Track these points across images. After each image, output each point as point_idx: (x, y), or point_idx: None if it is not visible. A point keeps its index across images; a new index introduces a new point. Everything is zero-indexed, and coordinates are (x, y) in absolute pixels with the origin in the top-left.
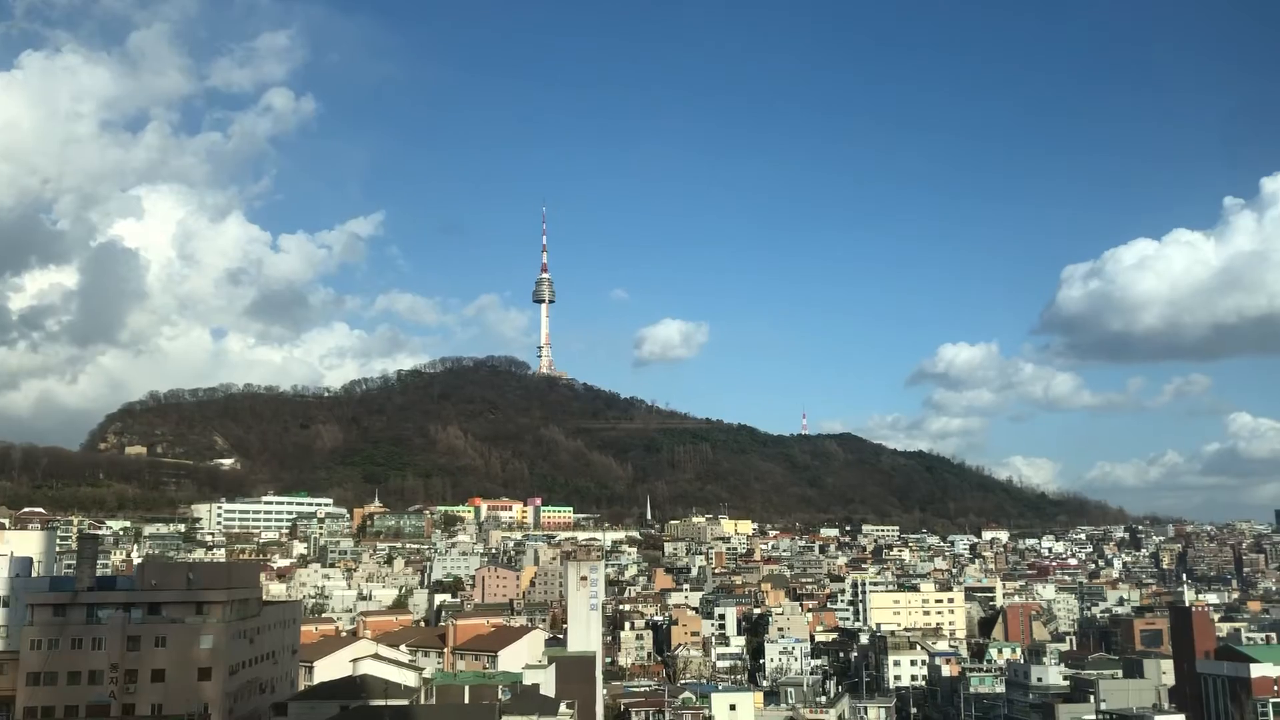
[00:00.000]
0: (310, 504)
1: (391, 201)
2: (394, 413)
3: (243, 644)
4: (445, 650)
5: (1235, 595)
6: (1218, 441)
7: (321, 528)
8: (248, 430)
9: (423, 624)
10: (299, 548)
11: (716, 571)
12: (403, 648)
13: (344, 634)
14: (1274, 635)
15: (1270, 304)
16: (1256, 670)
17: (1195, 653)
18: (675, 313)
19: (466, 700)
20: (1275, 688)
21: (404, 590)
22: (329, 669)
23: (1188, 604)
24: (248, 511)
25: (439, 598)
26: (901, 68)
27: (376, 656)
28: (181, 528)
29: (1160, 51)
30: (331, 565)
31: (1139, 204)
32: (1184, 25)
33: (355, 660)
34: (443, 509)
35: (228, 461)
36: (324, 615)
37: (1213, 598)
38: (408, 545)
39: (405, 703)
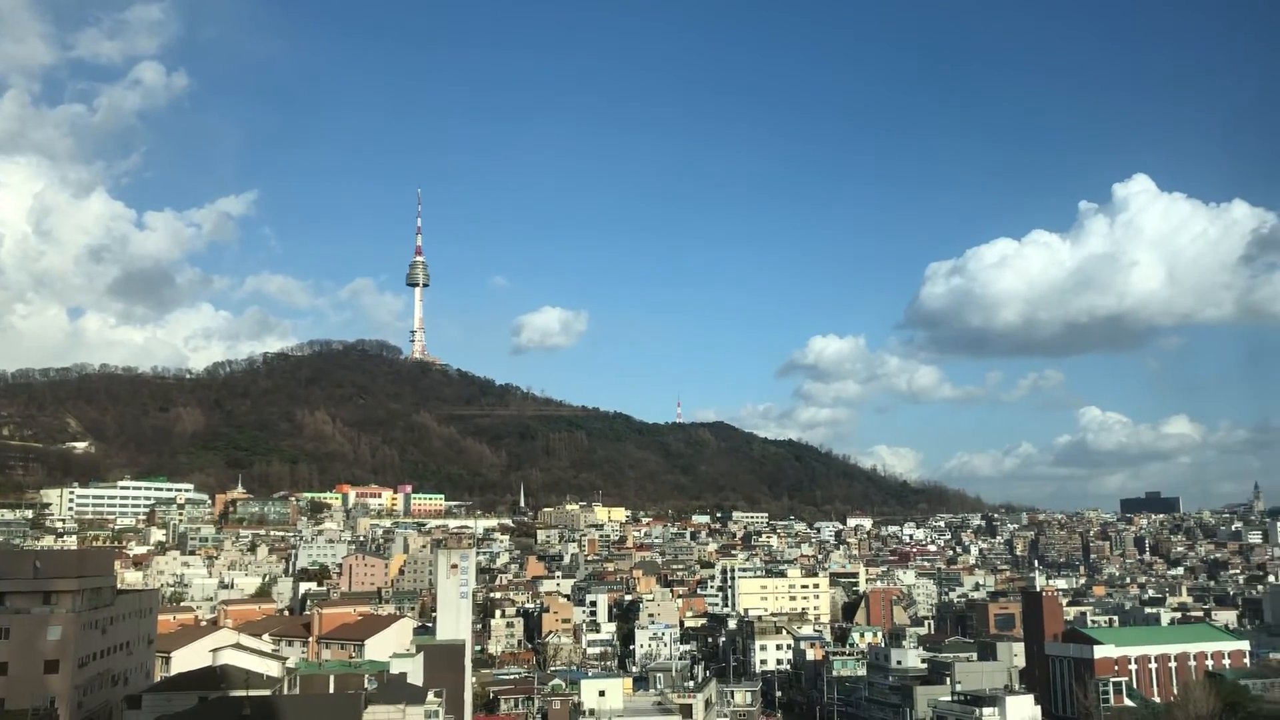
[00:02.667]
0: (169, 489)
1: (265, 181)
2: (259, 396)
3: (94, 635)
4: (310, 639)
5: (1082, 580)
6: (1068, 434)
7: (181, 514)
8: (103, 413)
9: (287, 613)
10: (157, 535)
11: (589, 559)
12: (266, 637)
13: (204, 623)
14: (1117, 619)
15: (1119, 304)
16: (1100, 652)
17: (1045, 635)
18: (555, 300)
19: (332, 690)
20: (1116, 668)
21: (268, 579)
22: (187, 660)
23: (1038, 589)
24: (102, 497)
25: (304, 586)
26: (782, 62)
27: (238, 646)
28: (29, 514)
29: (1020, 61)
30: (192, 553)
31: (1001, 205)
32: (1043, 37)
33: (215, 650)
34: (309, 496)
35: (81, 445)
36: (183, 604)
37: (1062, 583)
38: (272, 532)
39: (267, 693)
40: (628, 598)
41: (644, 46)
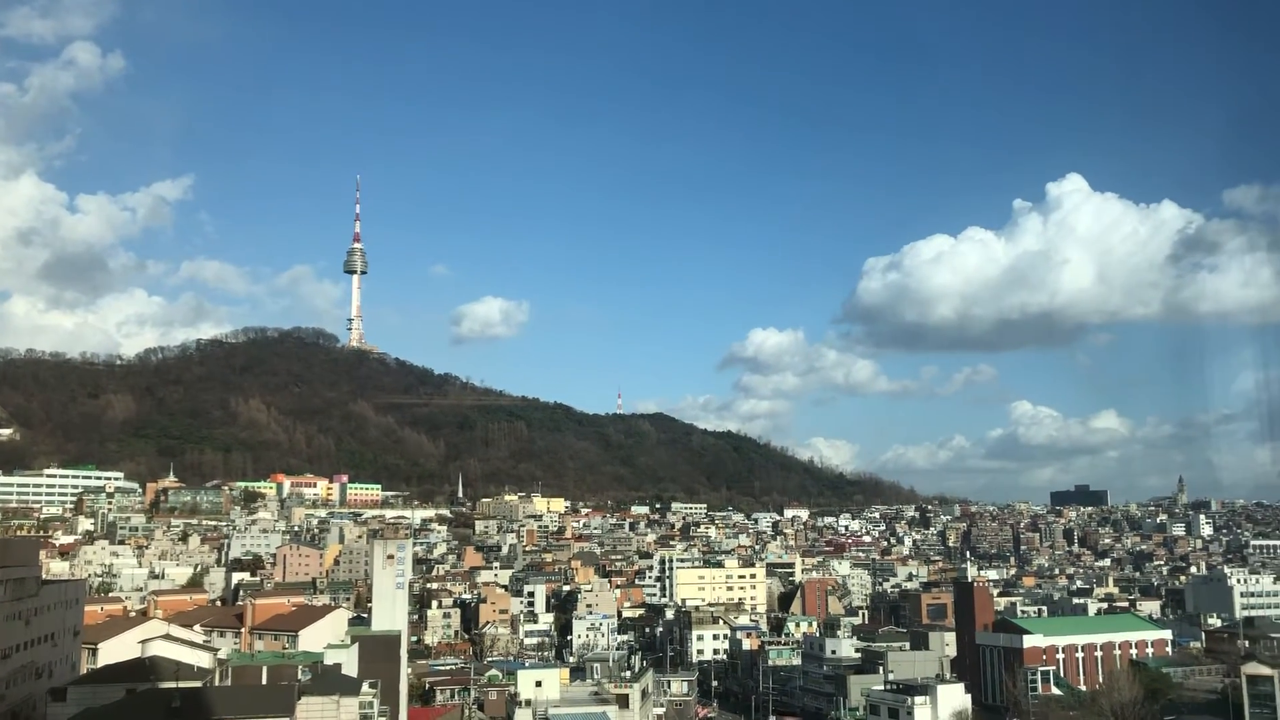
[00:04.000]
0: (98, 478)
1: (202, 166)
2: (193, 383)
3: (17, 626)
4: (243, 630)
5: (1013, 571)
6: (1000, 427)
7: (110, 503)
8: (29, 399)
9: (219, 603)
10: (85, 524)
11: (527, 549)
12: (197, 628)
13: (133, 614)
14: (1045, 609)
15: (1050, 301)
16: (1029, 641)
17: (975, 625)
18: (497, 290)
19: (264, 681)
20: (1044, 657)
21: (200, 569)
22: (115, 651)
23: (970, 580)
24: (27, 485)
25: (237, 576)
26: (725, 58)
27: (168, 637)
28: None
29: (959, 60)
30: (121, 542)
31: (939, 202)
32: (982, 37)
33: (144, 641)
34: (243, 485)
35: (6, 432)
36: (111, 595)
37: (993, 574)
38: (205, 522)
39: (198, 685)
40: (566, 588)
41: (588, 40)
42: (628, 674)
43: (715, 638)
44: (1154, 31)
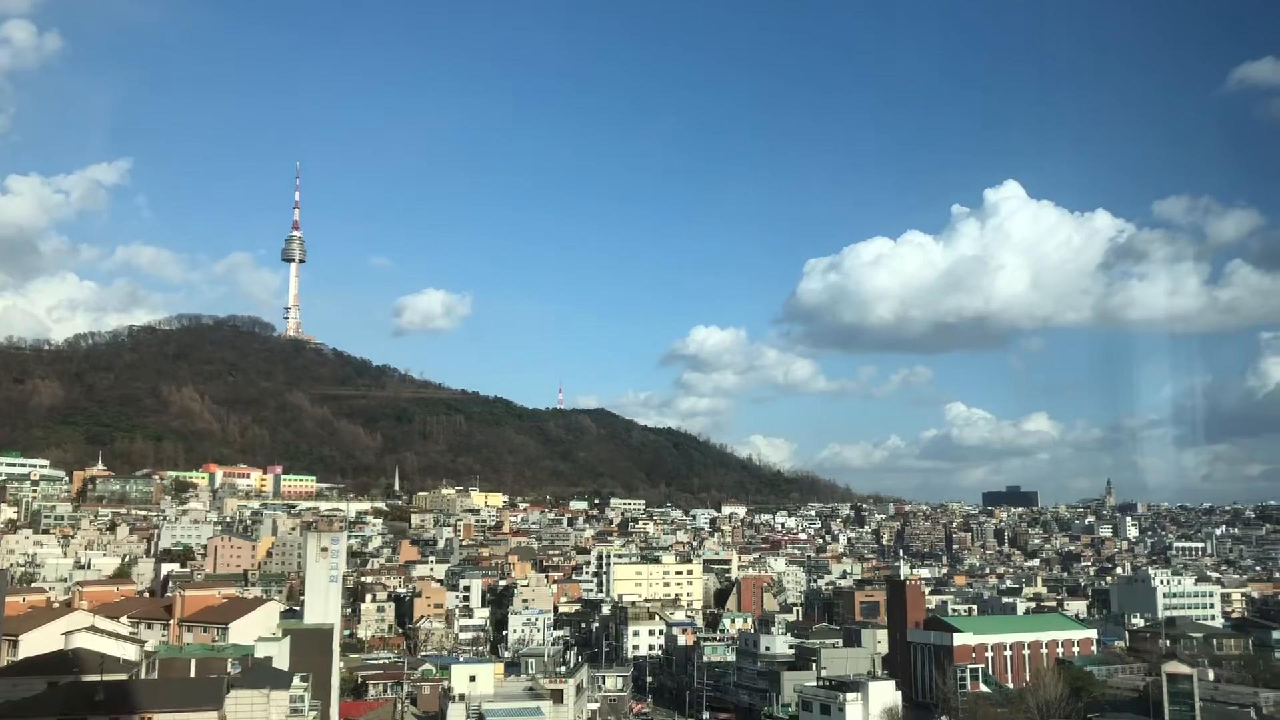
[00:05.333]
0: (23, 465)
1: (141, 150)
2: (123, 370)
3: None
4: (172, 622)
5: (945, 570)
6: (935, 428)
7: (35, 491)
8: None
9: (148, 595)
10: (8, 512)
11: (464, 544)
12: (124, 620)
13: (57, 605)
14: (976, 608)
15: (985, 306)
16: (959, 639)
17: (907, 623)
18: (439, 283)
19: (193, 674)
20: (974, 655)
21: (128, 559)
22: (37, 643)
23: (903, 578)
24: None
25: (166, 567)
26: (667, 56)
27: (93, 629)
28: None
29: (903, 66)
30: (45, 531)
31: (880, 205)
32: (924, 42)
33: (68, 633)
34: (174, 475)
35: None
36: (34, 585)
37: (925, 572)
38: (134, 511)
39: (123, 677)
40: (502, 583)
41: (533, 36)
42: (563, 669)
43: (651, 633)
44: (1092, 47)
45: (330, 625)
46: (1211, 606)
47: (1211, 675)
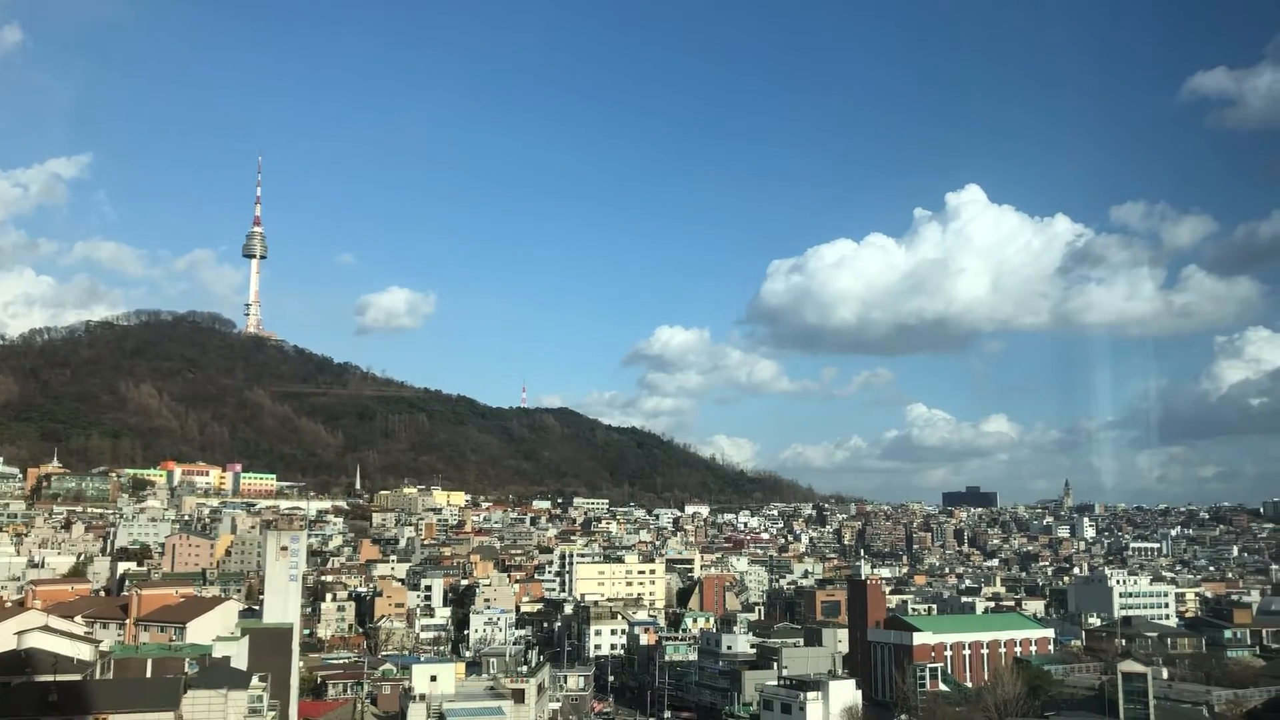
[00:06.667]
0: None
1: (102, 144)
2: (80, 366)
3: None
4: (127, 622)
5: (905, 570)
6: (896, 429)
7: None
8: None
9: (103, 594)
10: None
11: (426, 543)
12: (78, 619)
13: (9, 605)
14: (935, 607)
15: (946, 308)
16: (918, 638)
17: (868, 622)
18: (403, 281)
19: (149, 674)
20: (933, 654)
21: (83, 558)
22: None
23: (863, 578)
24: None
25: (123, 566)
26: (634, 58)
27: (46, 629)
28: None
29: (867, 70)
30: None
31: (843, 207)
32: (889, 46)
33: (21, 633)
34: (131, 472)
35: None
36: None
37: (886, 572)
38: (90, 509)
39: (78, 678)
40: (464, 582)
41: (497, 38)
42: (524, 669)
43: (613, 633)
44: (1051, 57)
45: (290, 625)
46: (1166, 606)
47: (1166, 674)
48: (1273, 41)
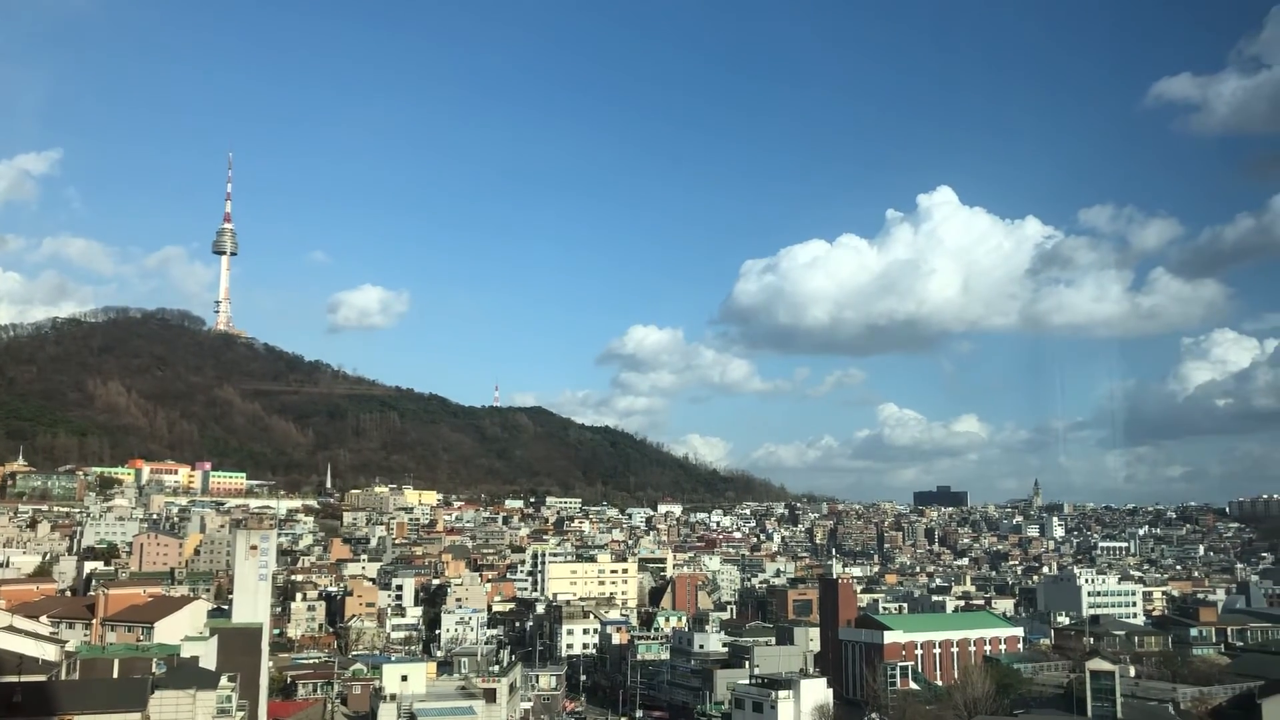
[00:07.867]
0: None
1: (72, 140)
2: (46, 364)
3: None
4: (94, 622)
5: (876, 569)
6: (868, 428)
7: None
8: None
9: (69, 593)
10: None
11: (397, 542)
12: (44, 619)
13: None
14: (906, 606)
15: (917, 309)
16: (889, 637)
17: (839, 621)
18: (376, 279)
19: (116, 675)
20: (904, 653)
21: (49, 557)
22: None
23: (835, 577)
24: None
25: (90, 565)
26: (609, 57)
27: (10, 629)
28: None
29: (840, 71)
30: None
31: (817, 207)
32: (862, 48)
33: None
34: (99, 470)
35: None
36: None
37: (857, 571)
38: (56, 508)
39: (42, 678)
40: (435, 582)
41: (472, 32)
42: (496, 668)
43: (585, 632)
44: (1021, 61)
45: (259, 624)
46: (1134, 605)
47: (1133, 672)
48: (1236, 48)
